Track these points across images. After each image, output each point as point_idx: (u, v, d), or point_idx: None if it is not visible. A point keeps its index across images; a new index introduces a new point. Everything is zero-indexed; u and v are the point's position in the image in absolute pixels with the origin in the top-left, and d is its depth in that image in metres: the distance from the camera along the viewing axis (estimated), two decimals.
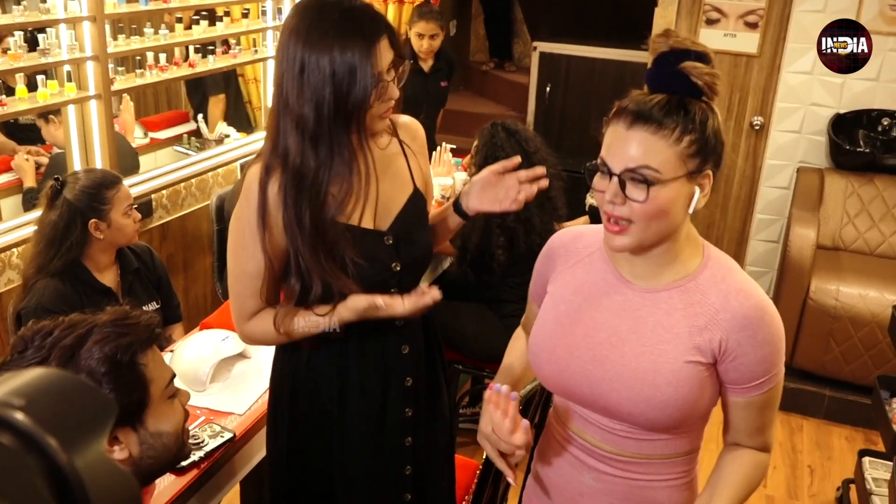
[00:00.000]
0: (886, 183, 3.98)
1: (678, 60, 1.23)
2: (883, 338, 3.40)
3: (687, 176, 1.23)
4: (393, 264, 1.60)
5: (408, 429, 1.73)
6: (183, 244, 3.59)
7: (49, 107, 2.92)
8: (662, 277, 1.33)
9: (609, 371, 1.33)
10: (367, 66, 1.42)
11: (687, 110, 1.22)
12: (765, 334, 1.28)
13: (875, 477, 2.84)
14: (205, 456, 1.84)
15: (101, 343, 1.19)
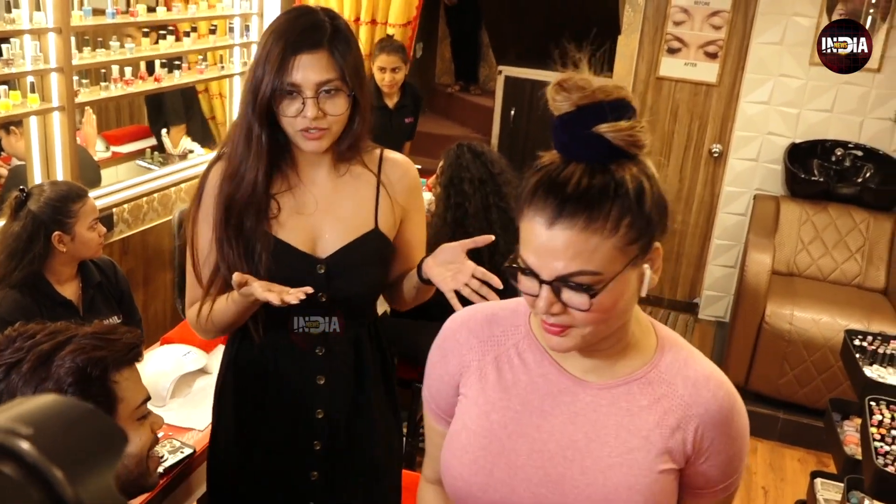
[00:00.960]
0: (839, 211, 4.10)
1: (590, 118, 0.98)
2: (835, 361, 3.48)
3: (632, 263, 1.00)
4: (319, 295, 1.54)
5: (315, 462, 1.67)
6: (144, 259, 3.55)
7: (11, 117, 2.89)
8: (617, 369, 1.09)
9: (569, 494, 1.08)
10: (278, 69, 1.42)
11: (617, 185, 0.97)
12: (738, 426, 1.08)
13: (826, 498, 2.90)
14: (164, 472, 1.83)
15: (75, 353, 1.19)
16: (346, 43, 1.46)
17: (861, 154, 4.19)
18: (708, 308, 4.80)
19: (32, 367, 1.18)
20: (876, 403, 2.44)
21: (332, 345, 1.61)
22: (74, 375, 1.18)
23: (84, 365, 1.19)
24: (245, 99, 1.48)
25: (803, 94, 4.30)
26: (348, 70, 1.45)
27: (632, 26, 4.60)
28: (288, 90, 1.43)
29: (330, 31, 1.44)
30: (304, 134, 1.47)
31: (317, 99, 1.43)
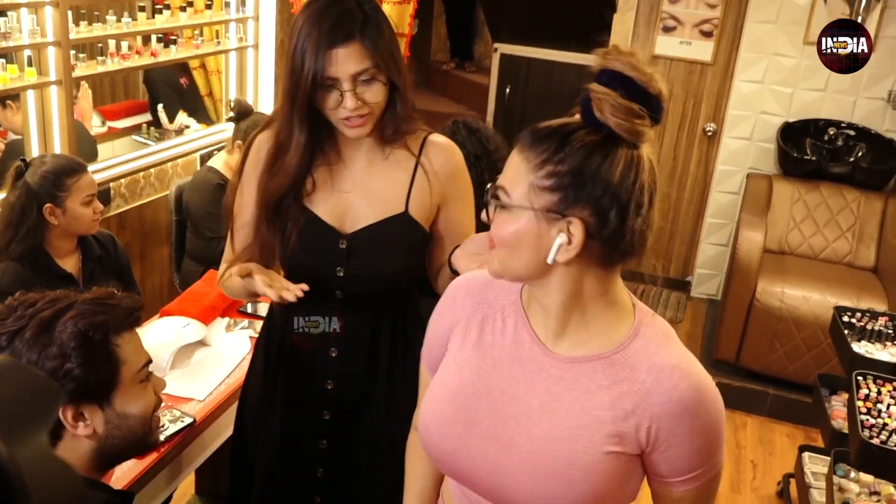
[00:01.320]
0: (831, 190, 4.13)
1: (611, 83, 1.01)
2: (824, 338, 3.53)
3: (539, 212, 1.03)
4: (337, 268, 1.58)
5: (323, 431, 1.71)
6: (141, 234, 3.57)
7: (8, 91, 2.90)
8: (584, 345, 1.11)
9: (514, 458, 1.11)
10: (314, 66, 1.43)
11: (570, 141, 1.02)
12: (703, 421, 1.06)
13: (814, 471, 2.96)
14: (164, 440, 1.86)
15: (77, 318, 1.22)
16: (377, 29, 1.45)
17: (853, 133, 4.21)
18: (700, 286, 4.84)
19: (35, 334, 1.20)
20: (863, 378, 2.48)
21: (348, 320, 1.63)
22: (77, 339, 1.21)
23: (86, 329, 1.22)
24: (286, 88, 1.49)
25: (797, 74, 4.31)
26: (382, 57, 1.45)
27: (627, 4, 4.60)
28: (326, 84, 1.44)
29: (361, 20, 1.44)
30: (346, 122, 1.48)
31: (354, 89, 1.44)
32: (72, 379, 1.20)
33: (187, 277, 3.22)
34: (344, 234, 1.58)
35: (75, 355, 1.20)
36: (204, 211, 3.11)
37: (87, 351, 1.21)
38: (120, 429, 1.28)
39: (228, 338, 2.33)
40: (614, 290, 1.11)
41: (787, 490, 3.13)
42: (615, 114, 1.00)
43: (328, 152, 1.58)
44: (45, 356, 1.19)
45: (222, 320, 2.42)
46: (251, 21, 4.06)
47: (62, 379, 1.20)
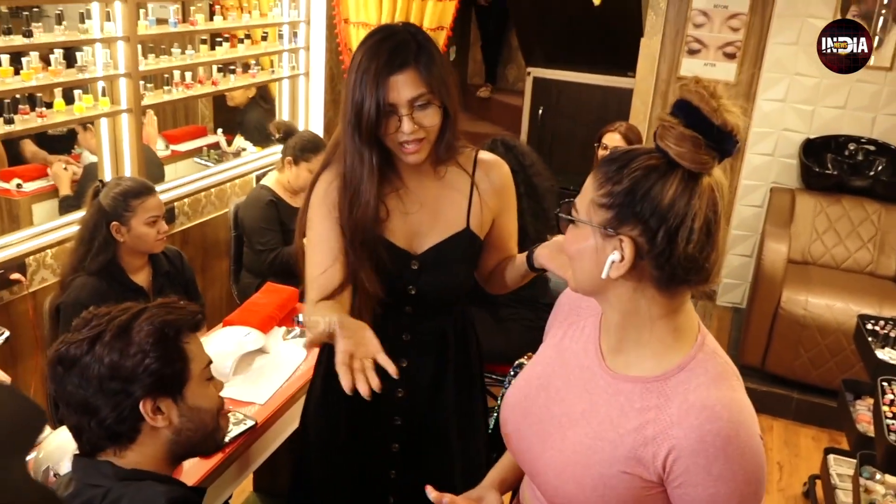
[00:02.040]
0: (852, 203, 4.06)
1: (679, 112, 1.02)
2: (848, 345, 3.46)
3: (596, 228, 1.05)
4: (409, 287, 1.60)
5: (394, 435, 1.72)
6: (202, 249, 3.63)
7: (84, 119, 2.97)
8: (633, 366, 1.10)
9: (548, 451, 1.14)
10: (376, 94, 1.44)
11: (631, 163, 1.03)
12: (722, 469, 1.00)
13: (839, 473, 2.90)
14: (229, 441, 1.89)
15: (151, 319, 1.27)
16: (430, 57, 1.47)
17: (873, 149, 4.14)
18: (725, 295, 4.78)
19: (114, 336, 1.24)
20: (888, 384, 2.43)
21: (417, 332, 1.65)
22: (154, 336, 1.25)
23: (161, 326, 1.27)
24: (349, 122, 1.49)
25: (818, 92, 4.25)
26: (435, 82, 1.47)
27: (654, 28, 4.58)
28: (386, 110, 1.46)
29: (415, 49, 1.46)
30: (403, 148, 1.49)
31: (411, 114, 1.46)
32: (150, 373, 1.25)
33: (245, 289, 3.27)
34: (414, 254, 1.60)
35: (153, 350, 1.25)
36: (256, 225, 3.16)
37: (163, 347, 1.26)
38: (193, 421, 1.32)
39: (286, 345, 2.36)
40: (677, 318, 1.08)
41: (813, 491, 3.07)
42: (676, 142, 1.00)
43: (392, 177, 1.59)
44: (126, 355, 1.24)
45: (280, 329, 2.45)
46: (302, 51, 4.12)
47: (142, 374, 1.24)
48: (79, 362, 1.24)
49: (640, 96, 4.71)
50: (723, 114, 1.00)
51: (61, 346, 1.26)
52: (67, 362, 1.25)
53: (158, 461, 1.30)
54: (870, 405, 2.79)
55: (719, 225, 1.05)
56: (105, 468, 1.25)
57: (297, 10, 4.04)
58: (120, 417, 1.24)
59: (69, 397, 1.26)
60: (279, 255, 3.10)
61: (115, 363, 1.23)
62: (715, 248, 1.05)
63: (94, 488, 1.23)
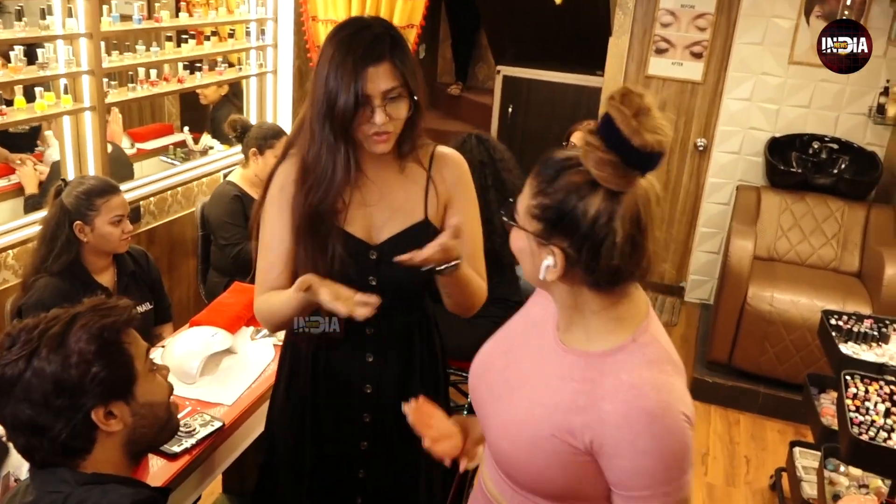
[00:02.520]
0: (816, 200, 4.13)
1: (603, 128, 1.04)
2: (812, 340, 3.52)
3: (532, 235, 1.11)
4: (370, 278, 1.60)
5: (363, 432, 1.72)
6: (169, 248, 3.59)
7: (46, 117, 2.92)
8: (579, 342, 1.16)
9: (496, 411, 1.23)
10: (354, 85, 1.45)
11: (558, 177, 1.08)
12: (647, 445, 1.05)
13: (804, 465, 2.95)
14: (196, 443, 1.86)
15: (87, 326, 1.22)
16: (403, 51, 1.50)
17: (836, 147, 4.21)
18: (694, 291, 4.83)
19: (52, 349, 1.20)
20: (851, 378, 2.47)
21: (381, 326, 1.64)
22: (95, 343, 1.21)
23: (100, 332, 1.22)
24: (321, 114, 1.49)
25: (783, 91, 4.31)
26: (409, 76, 1.49)
27: (622, 28, 4.61)
28: (360, 101, 1.46)
29: (390, 42, 1.48)
30: (374, 138, 1.50)
31: (384, 106, 1.47)
32: (99, 382, 1.21)
33: (212, 289, 3.23)
34: (373, 245, 1.60)
35: (97, 359, 1.21)
36: (220, 220, 3.13)
37: (107, 352, 1.23)
38: (146, 418, 1.29)
39: (253, 346, 2.34)
40: (617, 309, 1.14)
41: (780, 483, 3.12)
42: (595, 166, 1.04)
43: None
44: (68, 366, 1.19)
45: (247, 329, 2.43)
46: (270, 49, 4.09)
47: (90, 384, 1.20)
48: (18, 382, 1.18)
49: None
50: (643, 135, 1.01)
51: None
52: (5, 384, 1.19)
53: (117, 464, 1.28)
54: (834, 399, 2.84)
55: (647, 233, 1.08)
56: (64, 474, 1.23)
57: (264, 6, 4.00)
58: (73, 432, 1.21)
59: (13, 420, 1.21)
60: (242, 250, 3.06)
61: (59, 377, 1.18)
62: (644, 254, 1.09)
63: (53, 494, 1.21)
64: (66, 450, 1.22)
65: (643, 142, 1.01)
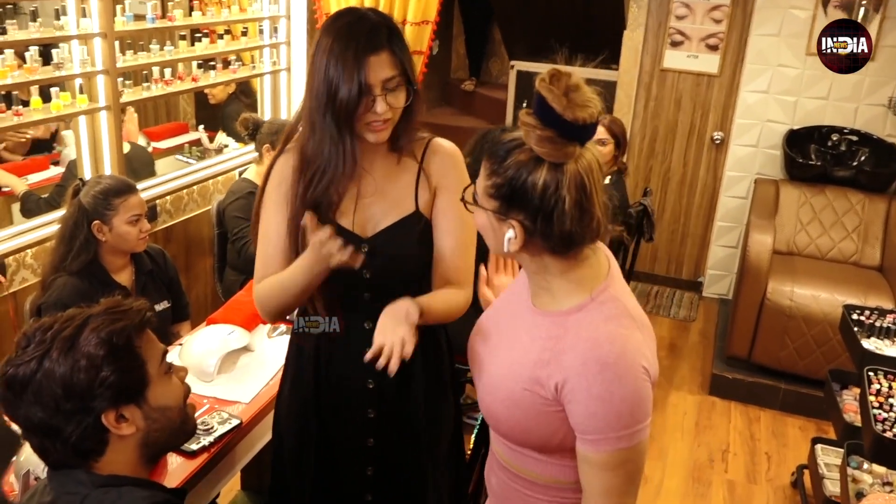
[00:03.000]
0: (836, 193, 4.08)
1: (538, 109, 1.14)
2: (834, 335, 3.48)
3: (492, 213, 1.22)
4: (363, 271, 1.57)
5: (369, 429, 1.70)
6: (185, 246, 3.60)
7: (62, 117, 2.93)
8: (547, 305, 1.28)
9: (484, 371, 1.36)
10: (355, 74, 1.44)
11: (509, 162, 1.18)
12: (600, 390, 1.16)
13: (827, 462, 2.92)
14: (214, 441, 1.86)
15: (98, 329, 1.21)
16: (401, 40, 1.50)
17: (856, 139, 4.16)
18: (712, 286, 4.80)
19: (62, 351, 1.19)
20: (874, 373, 2.44)
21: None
22: (105, 348, 1.20)
23: (109, 336, 1.21)
24: (323, 105, 1.48)
25: (800, 83, 4.27)
26: (407, 64, 1.49)
27: (636, 21, 4.58)
28: (363, 91, 1.46)
29: (387, 32, 1.47)
30: (373, 125, 1.50)
31: (384, 95, 1.47)
32: (109, 386, 1.20)
33: (229, 287, 3.24)
34: (365, 238, 1.59)
35: (106, 363, 1.20)
36: (233, 215, 3.14)
37: (116, 357, 1.21)
38: (159, 421, 1.28)
39: (270, 343, 2.34)
40: (578, 271, 1.26)
41: (801, 480, 3.08)
42: (537, 144, 1.15)
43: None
44: (77, 370, 1.18)
45: (264, 327, 2.43)
46: (283, 46, 4.09)
47: (99, 388, 1.19)
48: (30, 384, 1.18)
49: (624, 89, 4.71)
50: (574, 109, 1.13)
51: (8, 368, 1.20)
52: (18, 385, 1.19)
53: (133, 465, 1.27)
54: (856, 395, 2.80)
55: (593, 198, 1.19)
56: (81, 476, 1.22)
57: (277, 4, 4.00)
58: (84, 434, 1.20)
59: (27, 421, 1.20)
60: (249, 243, 3.07)
61: (69, 381, 1.18)
62: (593, 216, 1.20)
63: (70, 496, 1.20)
64: (78, 452, 1.22)
65: (575, 116, 1.13)
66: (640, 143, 4.78)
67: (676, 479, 3.19)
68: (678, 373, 4.02)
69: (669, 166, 4.76)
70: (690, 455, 3.36)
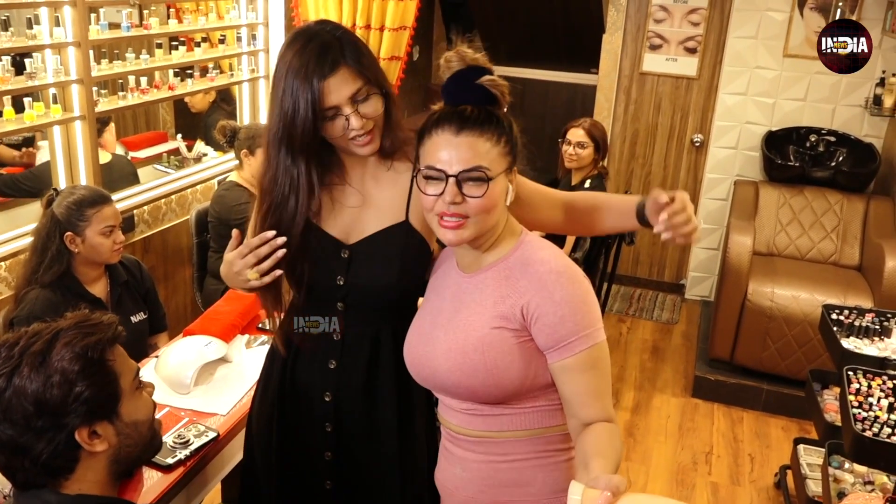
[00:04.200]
0: (815, 194, 4.11)
1: (473, 76, 1.33)
2: (814, 335, 3.49)
3: (505, 172, 1.33)
4: (337, 278, 1.54)
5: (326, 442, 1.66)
6: (164, 257, 3.56)
7: (35, 128, 2.89)
8: (482, 263, 1.39)
9: (435, 348, 1.40)
10: (311, 101, 1.40)
11: (497, 117, 1.32)
12: (562, 294, 1.30)
13: (809, 462, 2.92)
14: (190, 454, 1.83)
15: (71, 344, 1.19)
16: (356, 49, 1.44)
17: (834, 139, 4.19)
18: (694, 288, 4.81)
19: (33, 367, 1.17)
20: (853, 373, 2.45)
21: (348, 333, 1.59)
22: (79, 363, 1.18)
23: (83, 351, 1.19)
24: (276, 136, 1.45)
25: (778, 85, 4.29)
26: (370, 73, 1.44)
27: (615, 25, 4.60)
28: (329, 114, 1.43)
29: (339, 46, 1.42)
30: (355, 142, 1.46)
31: (356, 109, 1.43)
32: (83, 402, 1.18)
33: (209, 296, 3.21)
34: (346, 244, 1.55)
35: (80, 378, 1.18)
36: (230, 207, 3.12)
37: (91, 371, 1.20)
38: (131, 437, 1.27)
39: (248, 354, 2.31)
40: (511, 219, 1.41)
41: (784, 481, 3.09)
42: (499, 88, 1.34)
43: (334, 174, 1.56)
44: (50, 385, 1.16)
45: (242, 337, 2.40)
46: (262, 53, 4.07)
47: (73, 404, 1.17)
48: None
49: (604, 92, 4.72)
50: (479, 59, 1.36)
51: None
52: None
53: (102, 483, 1.25)
54: (837, 395, 2.81)
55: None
56: (47, 496, 1.20)
57: (254, 12, 3.98)
58: (55, 452, 1.18)
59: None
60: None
61: (41, 397, 1.15)
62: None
63: None
64: (48, 470, 1.19)
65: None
66: (621, 147, 4.79)
67: (660, 483, 3.18)
68: (661, 376, 4.02)
69: (650, 169, 4.78)
70: (674, 458, 3.36)
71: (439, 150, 1.30)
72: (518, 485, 1.40)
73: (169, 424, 1.96)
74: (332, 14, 3.78)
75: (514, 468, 1.40)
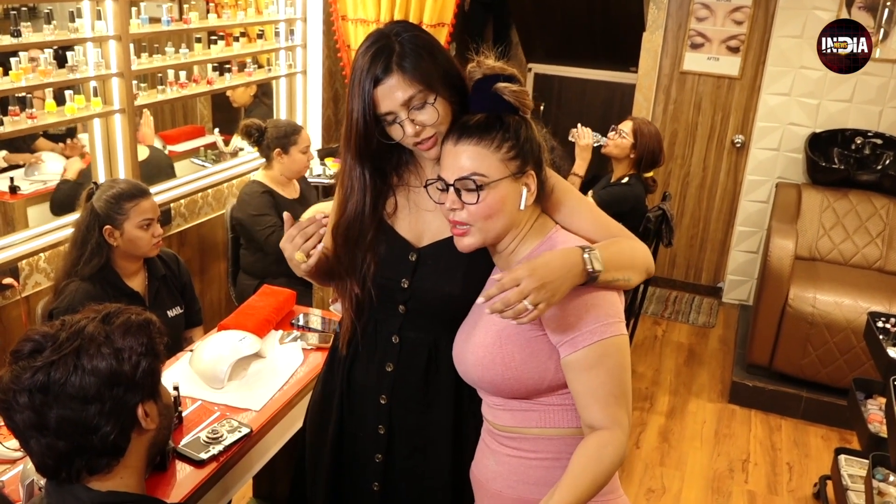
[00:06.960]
0: (860, 198, 4.00)
1: (491, 84, 1.35)
2: (857, 343, 3.41)
3: (511, 177, 1.33)
4: (402, 280, 1.53)
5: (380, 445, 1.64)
6: (199, 250, 3.58)
7: (76, 120, 2.92)
8: (511, 262, 1.41)
9: (467, 344, 1.44)
10: (364, 106, 1.40)
11: (503, 123, 1.33)
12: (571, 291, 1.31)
13: (851, 473, 2.84)
14: (224, 449, 1.83)
15: (128, 323, 1.23)
16: (415, 55, 1.39)
17: (880, 142, 4.08)
18: (732, 292, 4.72)
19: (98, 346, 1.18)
20: None
21: (407, 337, 1.57)
22: (143, 336, 1.23)
23: (143, 324, 1.25)
24: (345, 137, 1.47)
25: (823, 86, 4.19)
26: (427, 78, 1.38)
27: (656, 23, 4.52)
28: (387, 120, 1.41)
29: (397, 51, 1.38)
30: (419, 146, 1.44)
31: (409, 116, 1.40)
32: (149, 373, 1.22)
33: (243, 291, 3.22)
34: (415, 247, 1.53)
35: (146, 351, 1.22)
36: (250, 215, 3.13)
37: (150, 348, 1.24)
38: (166, 418, 1.32)
39: (282, 350, 2.31)
40: (543, 219, 1.43)
41: (824, 492, 3.01)
42: (513, 94, 1.35)
43: (412, 175, 1.54)
44: (122, 361, 1.19)
45: (276, 333, 2.40)
46: (299, 49, 4.07)
47: (141, 377, 1.21)
48: (67, 383, 1.14)
49: (643, 91, 4.65)
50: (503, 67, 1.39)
51: (27, 374, 1.15)
52: (55, 386, 1.14)
53: (138, 470, 1.26)
54: (881, 404, 2.73)
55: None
56: (79, 492, 1.20)
57: (293, 7, 3.98)
58: (122, 429, 1.20)
59: (58, 425, 1.16)
60: (275, 234, 3.06)
61: (115, 371, 1.17)
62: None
63: None
64: (112, 451, 1.21)
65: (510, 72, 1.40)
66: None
67: (695, 490, 3.12)
68: (697, 380, 3.95)
69: (689, 170, 4.70)
70: (710, 465, 3.29)
71: (443, 160, 1.36)
72: (546, 484, 1.37)
73: (201, 418, 1.96)
74: (370, 9, 3.77)
75: (543, 466, 1.40)
